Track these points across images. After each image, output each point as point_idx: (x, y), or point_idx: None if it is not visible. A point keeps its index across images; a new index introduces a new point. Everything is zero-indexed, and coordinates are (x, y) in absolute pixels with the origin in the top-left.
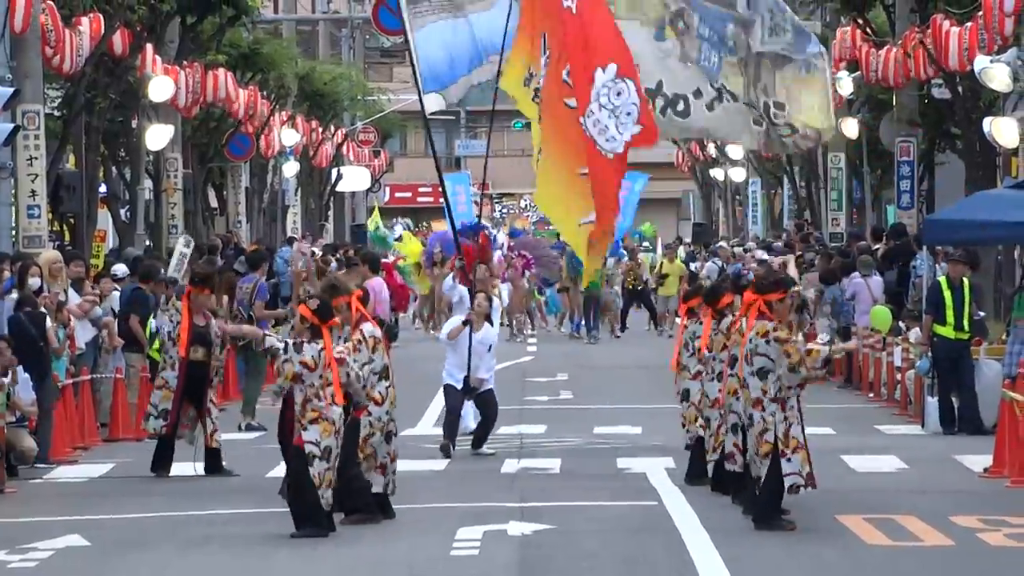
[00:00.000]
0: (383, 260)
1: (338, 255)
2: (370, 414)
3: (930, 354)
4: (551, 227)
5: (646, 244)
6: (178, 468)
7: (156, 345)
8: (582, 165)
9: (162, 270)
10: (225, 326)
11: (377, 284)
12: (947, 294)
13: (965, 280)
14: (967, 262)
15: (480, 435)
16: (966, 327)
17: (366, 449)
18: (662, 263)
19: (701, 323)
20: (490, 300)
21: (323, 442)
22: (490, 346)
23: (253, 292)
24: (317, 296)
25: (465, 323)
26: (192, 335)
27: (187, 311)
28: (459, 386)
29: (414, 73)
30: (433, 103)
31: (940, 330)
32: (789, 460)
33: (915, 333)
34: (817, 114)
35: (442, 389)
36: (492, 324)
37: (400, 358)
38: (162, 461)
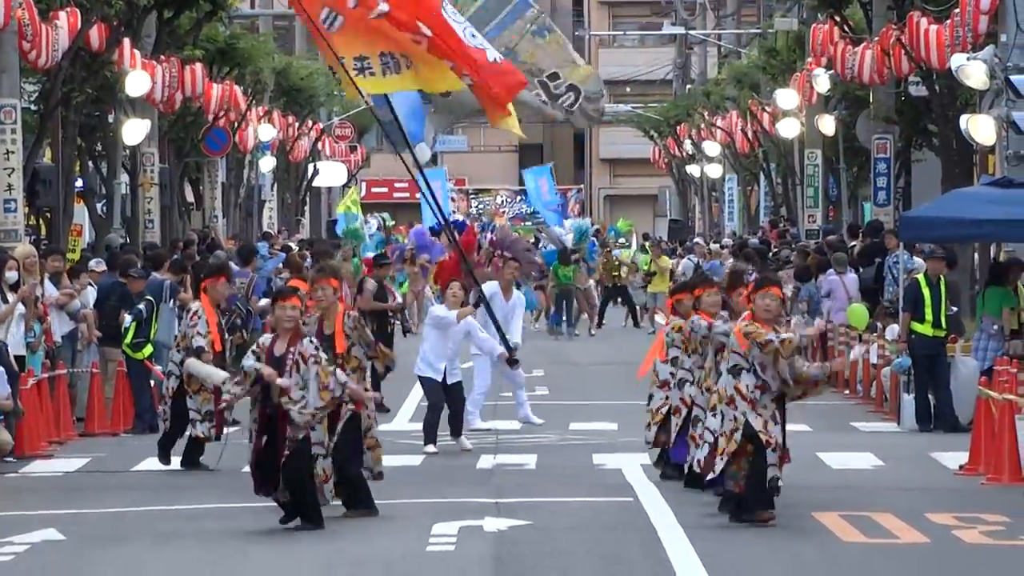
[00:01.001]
0: (366, 256)
1: (313, 249)
2: (365, 407)
3: (907, 352)
4: (527, 223)
5: (622, 240)
6: (154, 463)
7: (129, 339)
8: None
9: (138, 264)
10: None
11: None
12: (925, 291)
13: (942, 277)
14: (946, 258)
15: (455, 425)
16: (943, 324)
17: (369, 440)
18: (651, 261)
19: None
20: (467, 291)
21: (324, 439)
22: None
23: (250, 287)
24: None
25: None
26: (219, 328)
27: (208, 306)
28: (438, 378)
29: (401, 131)
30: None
31: (918, 327)
32: (773, 450)
33: (891, 330)
34: (577, 67)
35: (418, 383)
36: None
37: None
38: (193, 456)
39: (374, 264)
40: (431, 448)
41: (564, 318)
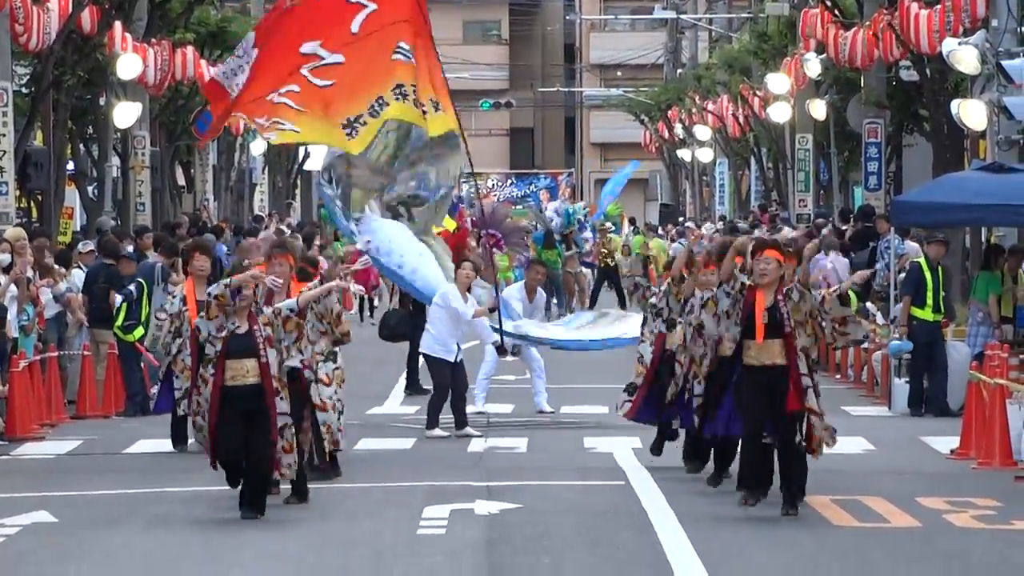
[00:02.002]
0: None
1: (305, 231)
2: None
3: (906, 336)
4: (518, 206)
5: (610, 224)
6: (145, 445)
7: (121, 322)
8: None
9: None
10: None
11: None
12: (928, 276)
13: (940, 262)
14: (947, 243)
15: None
16: (942, 309)
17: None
18: (645, 244)
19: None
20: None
21: (288, 408)
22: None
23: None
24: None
25: (491, 310)
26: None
27: (191, 286)
28: (450, 359)
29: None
30: None
31: (918, 312)
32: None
33: (882, 315)
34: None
35: (425, 361)
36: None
37: (365, 337)
38: (177, 435)
39: None
40: (438, 432)
41: (555, 300)
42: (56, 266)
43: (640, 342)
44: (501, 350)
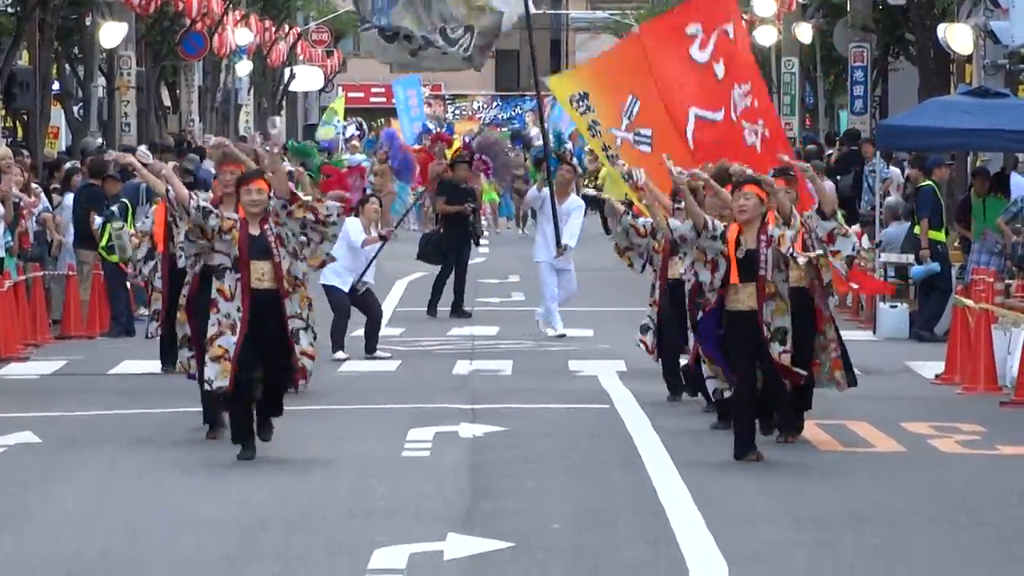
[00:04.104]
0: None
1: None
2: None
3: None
4: (503, 128)
5: (589, 148)
6: (131, 366)
7: (104, 242)
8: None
9: (111, 166)
10: None
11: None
12: (941, 199)
13: (942, 185)
14: (951, 165)
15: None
16: (946, 232)
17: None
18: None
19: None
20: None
21: (301, 311)
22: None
23: None
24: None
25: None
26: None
27: (162, 208)
28: (345, 288)
29: None
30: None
31: (935, 235)
32: None
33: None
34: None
35: (328, 292)
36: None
37: None
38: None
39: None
40: (341, 354)
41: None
42: (34, 185)
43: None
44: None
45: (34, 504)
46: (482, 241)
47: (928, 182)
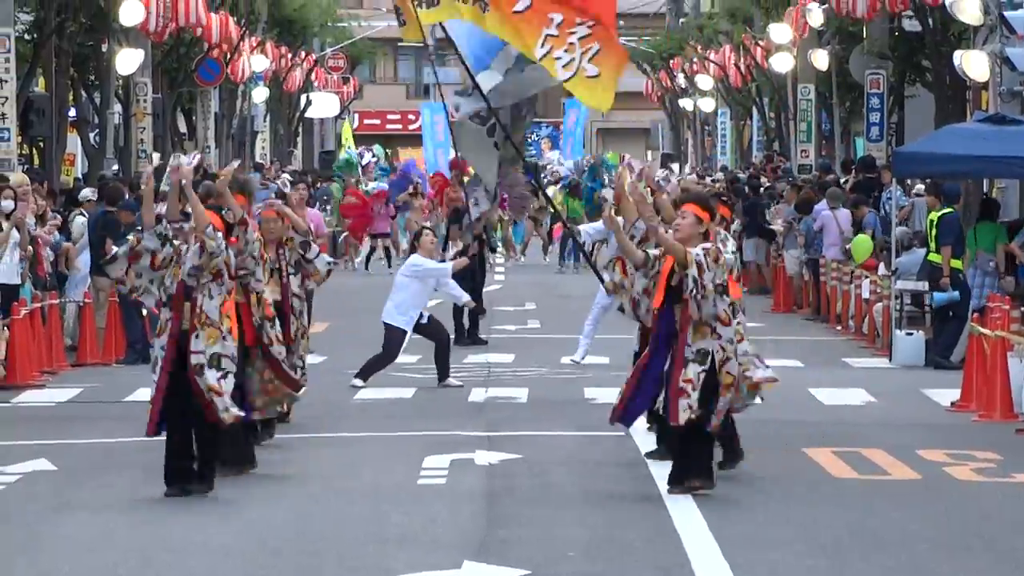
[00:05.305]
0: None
1: (307, 178)
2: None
3: (937, 287)
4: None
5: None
6: (146, 393)
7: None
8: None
9: (126, 194)
10: None
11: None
12: (963, 226)
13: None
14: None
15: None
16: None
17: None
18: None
19: None
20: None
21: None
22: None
23: None
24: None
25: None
26: None
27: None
28: (408, 328)
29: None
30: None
31: (956, 263)
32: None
33: (884, 265)
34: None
35: (389, 331)
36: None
37: (364, 287)
38: None
39: None
40: (359, 382)
41: (572, 253)
42: (50, 213)
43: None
44: (478, 308)
45: (49, 531)
46: (498, 269)
47: (951, 209)
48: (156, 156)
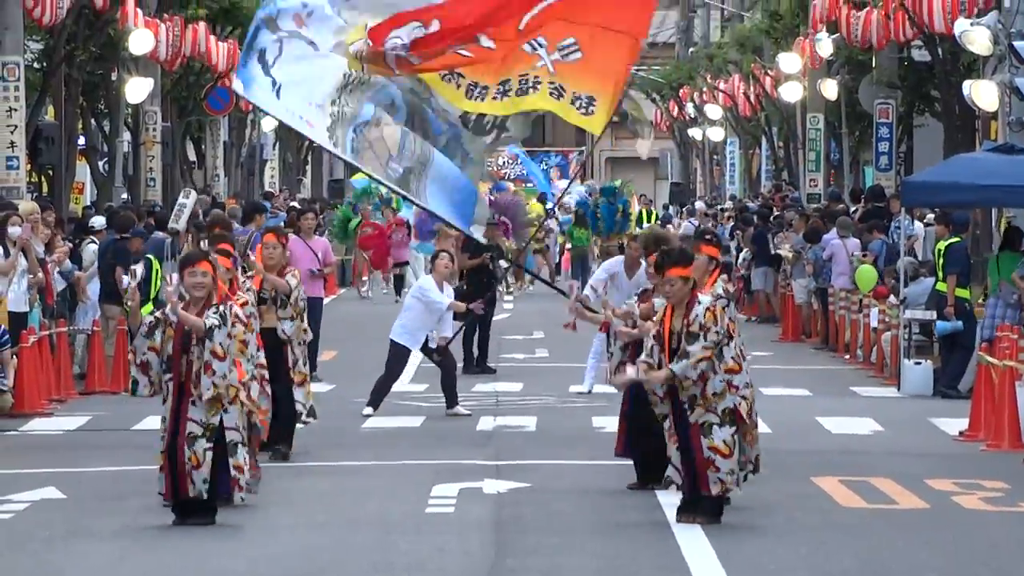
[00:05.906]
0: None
1: (316, 206)
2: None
3: (943, 316)
4: (530, 184)
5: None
6: (154, 422)
7: (155, 293)
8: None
9: (136, 222)
10: None
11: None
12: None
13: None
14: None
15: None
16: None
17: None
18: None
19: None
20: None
21: (240, 424)
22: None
23: (248, 243)
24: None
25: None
26: None
27: None
28: (415, 348)
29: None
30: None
31: (962, 293)
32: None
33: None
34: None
35: (395, 348)
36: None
37: (372, 315)
38: None
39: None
40: (368, 410)
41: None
42: (59, 241)
43: None
44: (442, 350)
45: (57, 560)
46: (507, 298)
47: (958, 239)
48: (138, 268)
